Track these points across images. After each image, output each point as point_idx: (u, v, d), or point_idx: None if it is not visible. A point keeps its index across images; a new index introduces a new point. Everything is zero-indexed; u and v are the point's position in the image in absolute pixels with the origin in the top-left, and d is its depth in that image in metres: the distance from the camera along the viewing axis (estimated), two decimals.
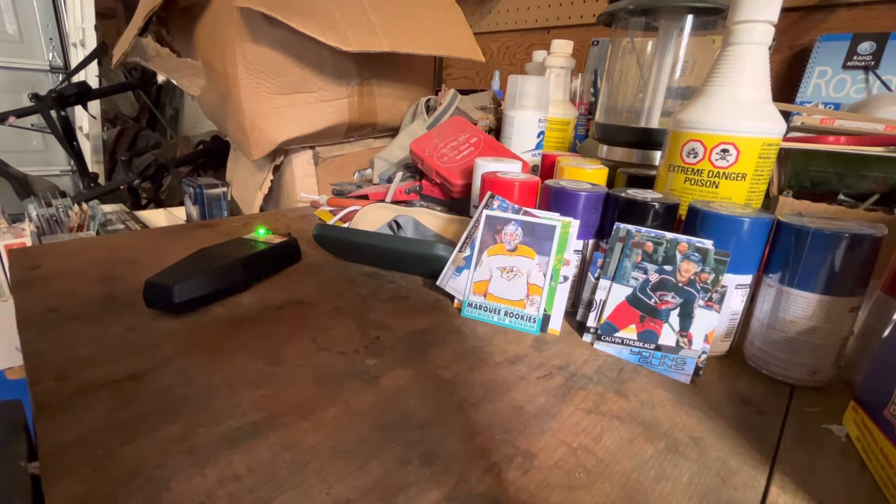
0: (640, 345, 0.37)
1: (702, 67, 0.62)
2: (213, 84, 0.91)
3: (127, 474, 0.23)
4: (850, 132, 0.55)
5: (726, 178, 0.42)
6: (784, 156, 0.55)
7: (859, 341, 0.36)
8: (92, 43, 1.79)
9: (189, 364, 0.32)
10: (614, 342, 0.38)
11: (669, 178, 0.45)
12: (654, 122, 0.64)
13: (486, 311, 0.42)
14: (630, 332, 0.37)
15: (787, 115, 0.63)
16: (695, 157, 0.43)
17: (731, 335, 0.39)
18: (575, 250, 0.43)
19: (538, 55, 0.87)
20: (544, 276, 0.40)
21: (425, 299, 0.45)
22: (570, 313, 0.44)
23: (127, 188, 1.60)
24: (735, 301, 0.37)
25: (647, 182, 0.58)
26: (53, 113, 1.56)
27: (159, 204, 1.63)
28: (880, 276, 0.36)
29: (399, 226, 0.55)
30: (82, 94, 1.60)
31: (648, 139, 0.62)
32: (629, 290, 0.38)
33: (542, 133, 0.65)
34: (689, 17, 0.58)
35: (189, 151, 1.68)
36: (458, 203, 0.62)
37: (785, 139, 0.53)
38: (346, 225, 0.57)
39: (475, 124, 0.79)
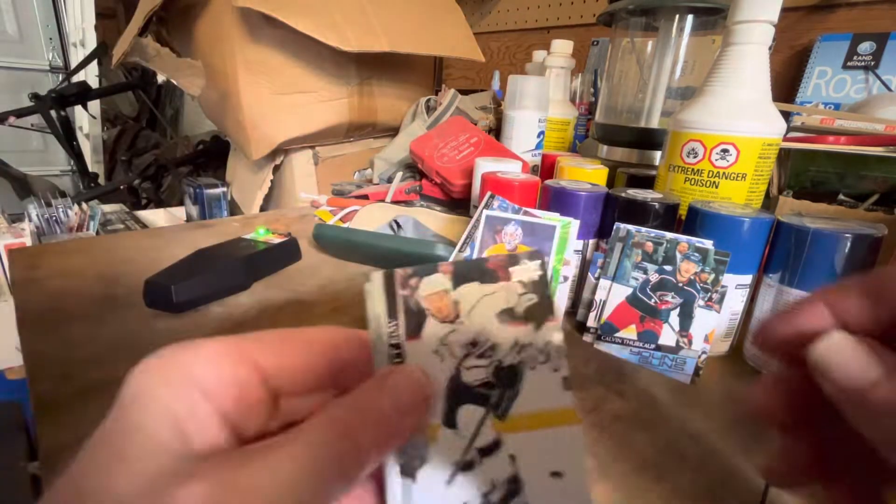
0: (640, 345, 0.37)
1: (702, 67, 0.62)
2: (213, 84, 0.91)
3: None
4: (850, 132, 0.55)
5: (726, 178, 0.42)
6: (784, 156, 0.55)
7: None
8: (92, 43, 1.79)
9: None
10: (614, 342, 0.38)
11: (669, 178, 0.45)
12: (654, 122, 0.64)
13: None
14: (630, 332, 0.37)
15: (787, 115, 0.63)
16: (695, 157, 0.43)
17: (731, 335, 0.39)
18: (575, 250, 0.43)
19: (538, 55, 0.87)
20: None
21: None
22: (570, 313, 0.44)
23: (127, 188, 1.60)
24: (735, 301, 0.37)
25: (647, 182, 0.58)
26: (53, 113, 1.56)
27: (159, 204, 1.63)
28: None
29: (399, 226, 0.55)
30: (82, 94, 1.60)
31: (648, 139, 0.62)
32: (629, 290, 0.38)
33: (542, 133, 0.65)
34: (689, 17, 0.58)
35: (189, 151, 1.68)
36: (458, 203, 0.62)
37: (785, 139, 0.53)
38: (346, 225, 0.57)
39: (475, 124, 0.79)
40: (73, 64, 1.79)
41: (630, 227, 0.38)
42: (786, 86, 0.84)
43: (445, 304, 0.15)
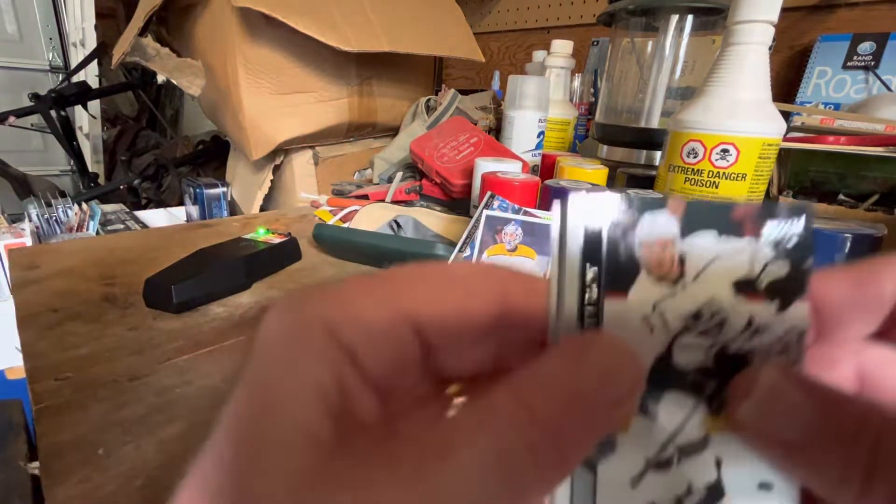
0: None
1: (702, 67, 0.62)
2: (213, 84, 0.91)
3: (127, 474, 0.23)
4: (850, 132, 0.55)
5: (726, 178, 0.42)
6: (784, 156, 0.55)
7: None
8: (92, 43, 1.79)
9: (189, 364, 0.32)
10: None
11: (669, 178, 0.45)
12: (654, 122, 0.64)
13: None
14: None
15: (787, 115, 0.63)
16: (695, 157, 0.43)
17: None
18: None
19: (538, 55, 0.87)
20: (544, 276, 0.40)
21: None
22: None
23: (127, 188, 1.60)
24: None
25: (647, 182, 0.58)
26: (53, 113, 1.56)
27: (159, 204, 1.63)
28: None
29: (399, 226, 0.55)
30: (82, 94, 1.60)
31: (648, 139, 0.62)
32: None
33: (542, 133, 0.65)
34: (689, 17, 0.58)
35: (189, 151, 1.68)
36: (458, 203, 0.62)
37: (785, 139, 0.53)
38: (346, 225, 0.57)
39: (475, 124, 0.79)
40: (73, 64, 1.79)
41: None
42: (786, 86, 0.84)
43: (668, 258, 0.11)
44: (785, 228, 0.12)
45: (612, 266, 0.11)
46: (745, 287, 0.11)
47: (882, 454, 0.09)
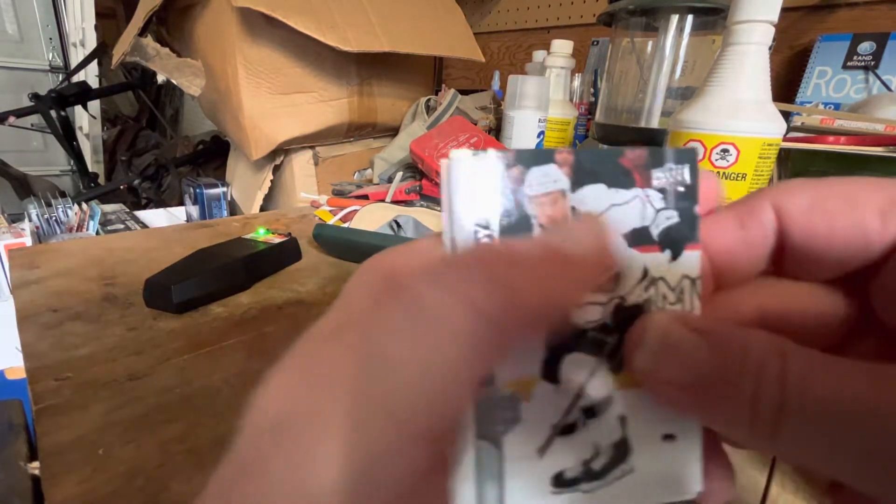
0: None
1: (702, 67, 0.62)
2: (212, 84, 0.91)
3: (127, 474, 0.23)
4: (850, 132, 0.55)
5: (726, 178, 0.42)
6: (784, 156, 0.55)
7: None
8: (92, 43, 1.79)
9: (189, 364, 0.32)
10: None
11: None
12: (654, 122, 0.64)
13: None
14: None
15: (787, 115, 0.63)
16: None
17: None
18: None
19: (538, 55, 0.87)
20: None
21: None
22: None
23: (127, 188, 1.60)
24: None
25: None
26: (53, 113, 1.56)
27: (159, 204, 1.63)
28: None
29: (399, 226, 0.55)
30: (82, 94, 1.60)
31: (648, 139, 0.62)
32: None
33: (542, 133, 0.65)
34: (689, 17, 0.58)
35: (189, 151, 1.68)
36: None
37: (785, 139, 0.53)
38: (346, 225, 0.57)
39: (475, 124, 0.79)
40: (73, 64, 1.79)
41: None
42: (786, 86, 0.84)
43: (559, 212, 0.11)
44: (672, 176, 0.11)
45: (504, 227, 0.11)
46: (639, 238, 0.11)
47: (764, 381, 0.09)
